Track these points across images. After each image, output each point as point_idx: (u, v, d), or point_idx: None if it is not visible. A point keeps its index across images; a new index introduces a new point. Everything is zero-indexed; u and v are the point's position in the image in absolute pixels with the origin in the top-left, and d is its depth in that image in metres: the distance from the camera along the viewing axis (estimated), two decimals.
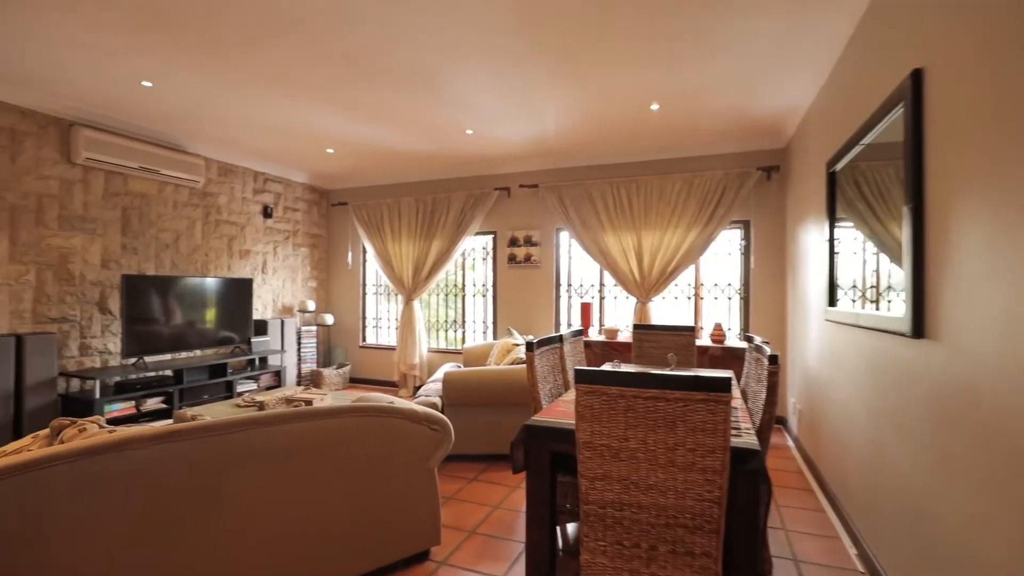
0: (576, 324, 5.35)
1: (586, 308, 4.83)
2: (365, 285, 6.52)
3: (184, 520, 1.55)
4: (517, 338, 4.29)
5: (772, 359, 1.77)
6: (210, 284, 4.81)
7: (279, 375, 5.26)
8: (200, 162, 4.80)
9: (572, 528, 2.11)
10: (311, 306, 6.10)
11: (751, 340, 2.46)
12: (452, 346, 6.07)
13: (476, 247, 5.90)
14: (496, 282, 5.63)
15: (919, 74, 1.63)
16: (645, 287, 4.77)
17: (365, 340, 6.47)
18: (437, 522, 2.09)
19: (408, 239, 5.87)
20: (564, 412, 1.84)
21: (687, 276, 4.87)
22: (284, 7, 2.50)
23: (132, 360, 4.15)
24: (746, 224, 4.72)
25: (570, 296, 5.39)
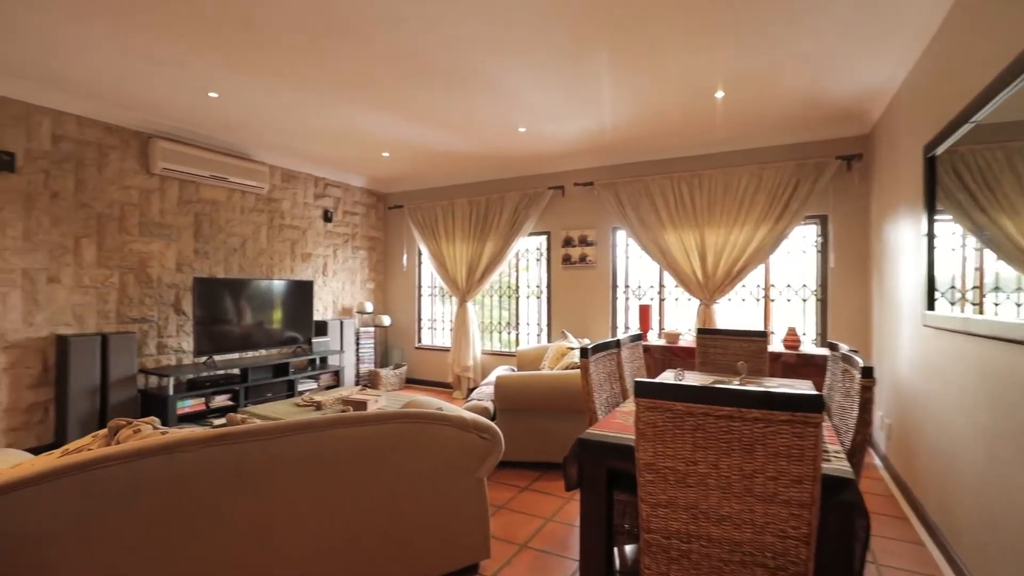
0: (634, 327, 5.13)
1: (645, 310, 4.61)
2: (420, 287, 6.58)
3: (231, 524, 1.52)
4: (572, 341, 4.14)
5: (866, 371, 1.54)
6: (274, 286, 4.99)
7: (338, 375, 5.38)
8: (264, 169, 5.00)
9: (631, 550, 1.95)
10: (369, 307, 6.22)
11: (835, 348, 2.20)
12: (506, 348, 6.01)
13: (530, 248, 5.79)
14: (550, 283, 5.51)
15: None
16: (709, 288, 4.48)
17: (421, 341, 6.53)
18: (486, 534, 2.00)
19: (462, 240, 5.86)
20: (622, 425, 1.70)
21: (755, 276, 4.53)
22: (337, 11, 2.50)
23: (203, 359, 4.37)
24: (823, 219, 4.32)
25: (627, 298, 5.17)
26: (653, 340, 4.43)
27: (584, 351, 2.02)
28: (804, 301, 4.42)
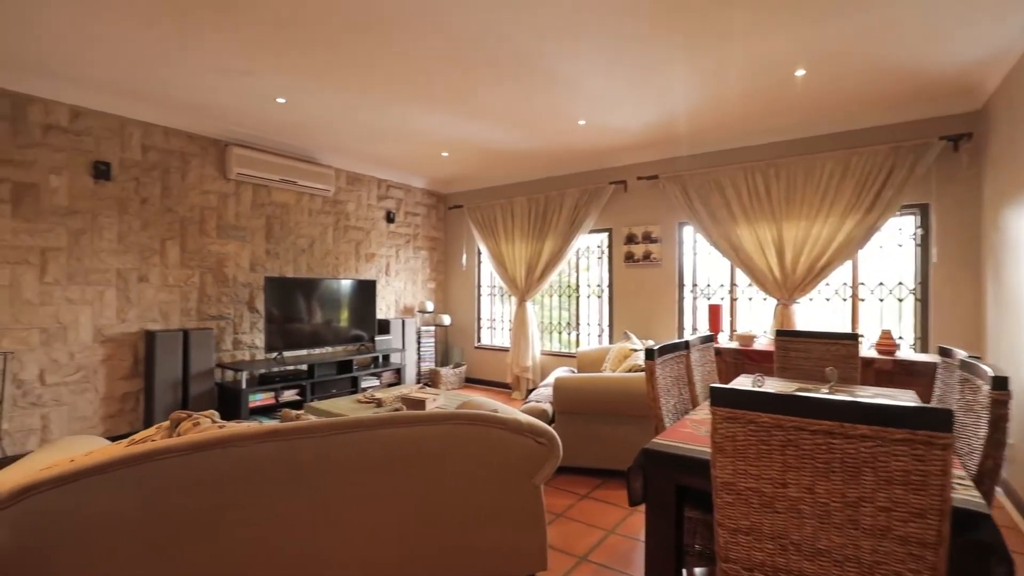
0: (703, 329, 4.82)
1: (715, 311, 4.31)
2: (480, 286, 6.57)
3: (284, 521, 1.49)
4: (635, 343, 3.94)
5: (998, 382, 1.28)
6: (339, 285, 5.14)
7: (399, 373, 5.47)
8: (331, 172, 5.17)
9: (701, 573, 1.77)
10: (430, 307, 6.29)
11: (948, 354, 1.89)
12: (566, 349, 5.86)
13: (590, 246, 5.62)
14: (612, 282, 5.30)
15: None
16: (787, 287, 4.11)
17: (480, 341, 6.52)
18: (543, 545, 1.88)
19: (521, 239, 5.78)
20: (692, 435, 1.53)
21: (841, 274, 4.11)
22: (393, 6, 2.49)
23: (273, 354, 4.57)
24: (923, 208, 3.84)
25: (695, 297, 4.88)
26: (724, 343, 4.13)
27: (650, 352, 1.86)
28: (900, 301, 3.96)
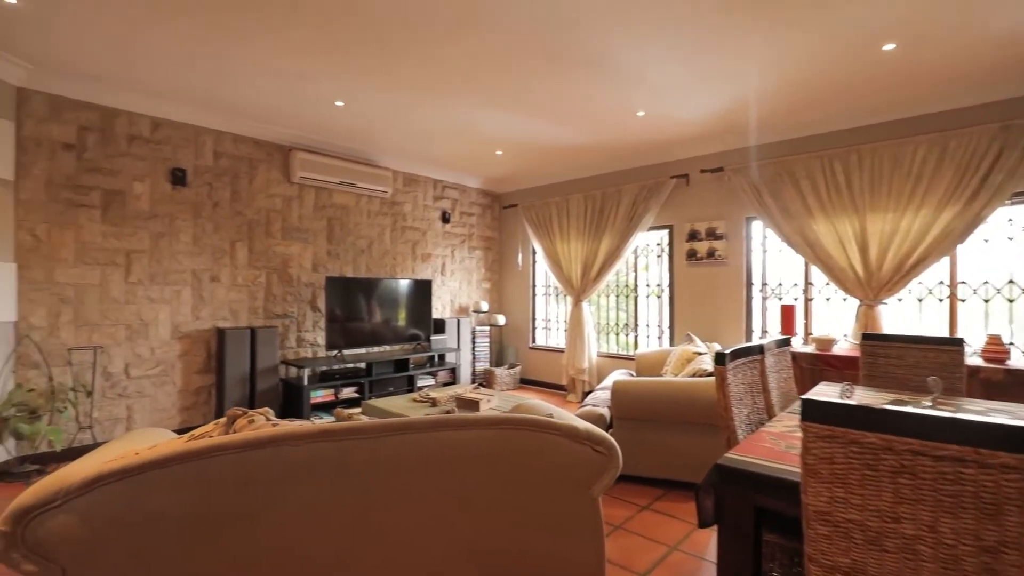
0: (773, 332, 4.49)
1: (788, 312, 3.99)
2: (535, 286, 6.49)
3: (336, 522, 1.46)
4: (699, 345, 3.72)
5: None
6: (397, 285, 5.22)
7: (454, 372, 5.48)
8: (388, 174, 5.26)
9: None
10: (484, 306, 6.27)
11: None
12: (623, 351, 5.66)
13: (649, 243, 5.39)
14: (673, 282, 5.06)
15: None
16: (872, 286, 3.74)
17: (535, 341, 6.44)
18: (601, 560, 1.76)
19: (576, 238, 5.64)
20: (772, 450, 1.36)
21: (937, 271, 3.68)
22: (450, 3, 2.46)
23: (334, 352, 4.70)
24: None
25: (765, 297, 4.55)
26: (798, 346, 3.82)
27: (720, 357, 1.69)
28: (1010, 302, 3.49)
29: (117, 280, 3.70)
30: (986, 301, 3.57)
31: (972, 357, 3.23)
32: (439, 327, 5.63)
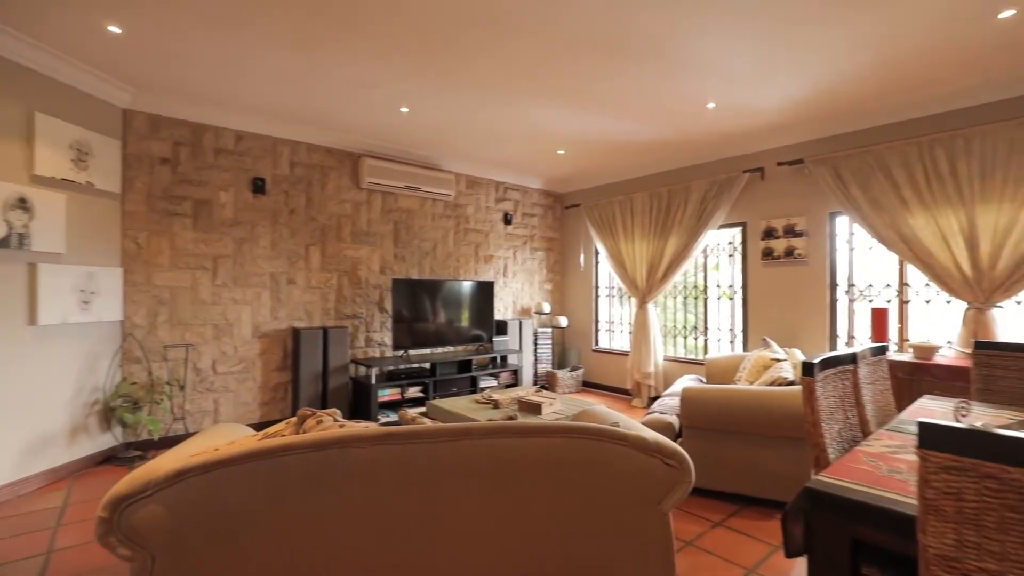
0: (861, 337, 4.11)
1: (880, 315, 3.63)
2: (598, 287, 6.35)
3: (398, 525, 1.47)
4: (776, 351, 3.46)
5: None
6: (460, 286, 5.28)
7: (516, 374, 5.46)
8: (451, 177, 5.34)
9: None
10: (546, 308, 6.22)
11: None
12: (692, 355, 5.41)
13: (720, 242, 5.11)
14: (746, 282, 4.76)
15: None
16: (983, 287, 3.32)
17: (598, 344, 6.30)
18: None
19: (641, 237, 5.45)
20: (872, 474, 1.21)
21: None
22: (514, 5, 2.43)
23: (400, 352, 4.82)
24: None
25: (852, 299, 4.17)
26: (893, 354, 3.46)
27: (808, 367, 1.54)
28: None
29: (205, 283, 3.99)
30: None
31: None
32: (501, 328, 5.64)
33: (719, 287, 5.13)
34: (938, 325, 3.77)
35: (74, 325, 3.30)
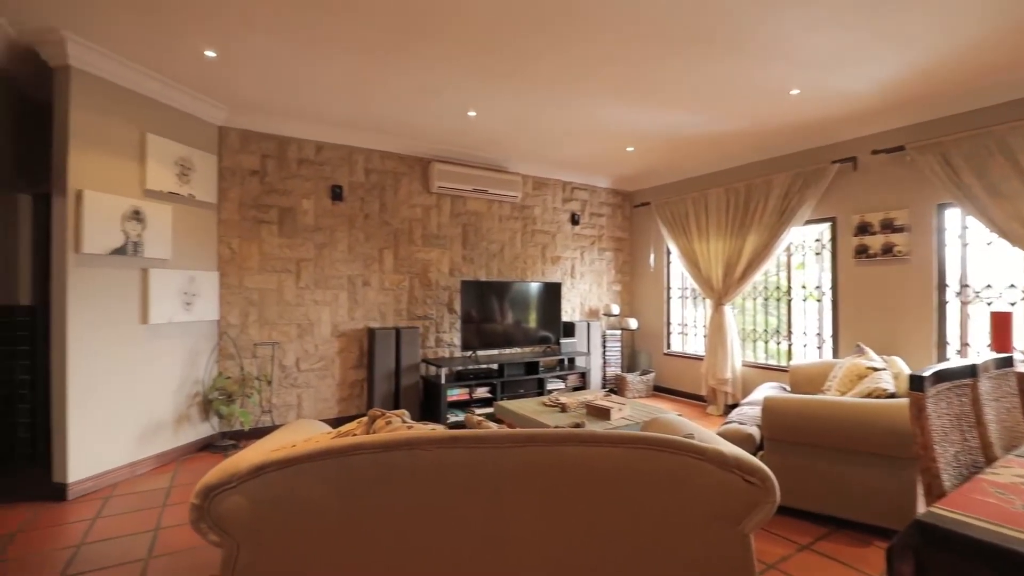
0: (977, 345, 3.64)
1: (1001, 320, 3.19)
2: (669, 288, 6.11)
3: (462, 529, 1.47)
4: (873, 359, 3.13)
5: None
6: (527, 288, 5.28)
7: (584, 377, 5.37)
8: (518, 179, 5.34)
9: None
10: (615, 310, 6.07)
11: None
12: (774, 361, 5.05)
13: (806, 240, 4.74)
14: (836, 283, 4.37)
15: None
16: None
17: (669, 347, 6.06)
18: None
19: (717, 236, 5.18)
20: (1001, 509, 1.04)
21: None
22: (583, 2, 2.39)
23: (468, 353, 4.89)
24: None
25: (965, 302, 3.71)
26: (1022, 366, 3.02)
27: (917, 380, 1.35)
28: None
29: (290, 285, 4.26)
30: None
31: None
32: (569, 330, 5.57)
33: (804, 288, 4.76)
34: None
35: (178, 324, 3.64)
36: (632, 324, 6.05)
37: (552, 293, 5.40)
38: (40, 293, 3.48)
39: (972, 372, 1.60)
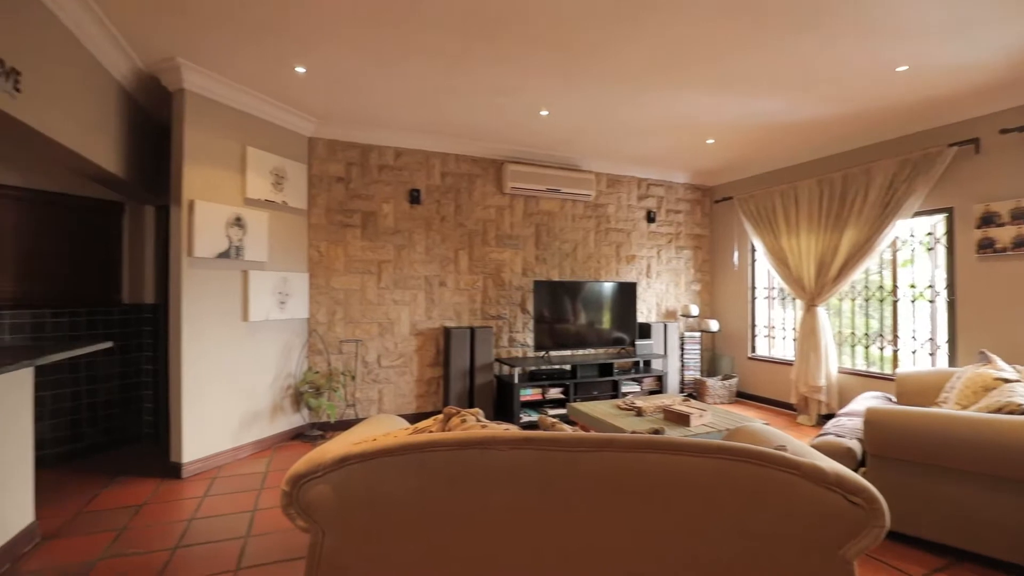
0: None
1: None
2: (754, 288, 5.73)
3: (536, 530, 1.46)
4: (1004, 369, 2.74)
5: None
6: (601, 288, 5.18)
7: (661, 380, 5.18)
8: (591, 177, 5.26)
9: None
10: (694, 311, 5.80)
11: None
12: (876, 368, 4.58)
13: (915, 233, 4.25)
14: (953, 281, 3.88)
15: None
16: None
17: (754, 351, 5.69)
18: None
19: (808, 231, 4.79)
20: None
21: None
22: None
23: (541, 353, 4.88)
24: None
25: None
26: None
27: None
28: None
29: (372, 286, 4.48)
30: None
31: None
32: (644, 332, 5.40)
33: (913, 287, 4.27)
34: None
35: (274, 321, 3.94)
36: (713, 326, 5.74)
37: (627, 293, 5.26)
38: (161, 293, 3.92)
39: None
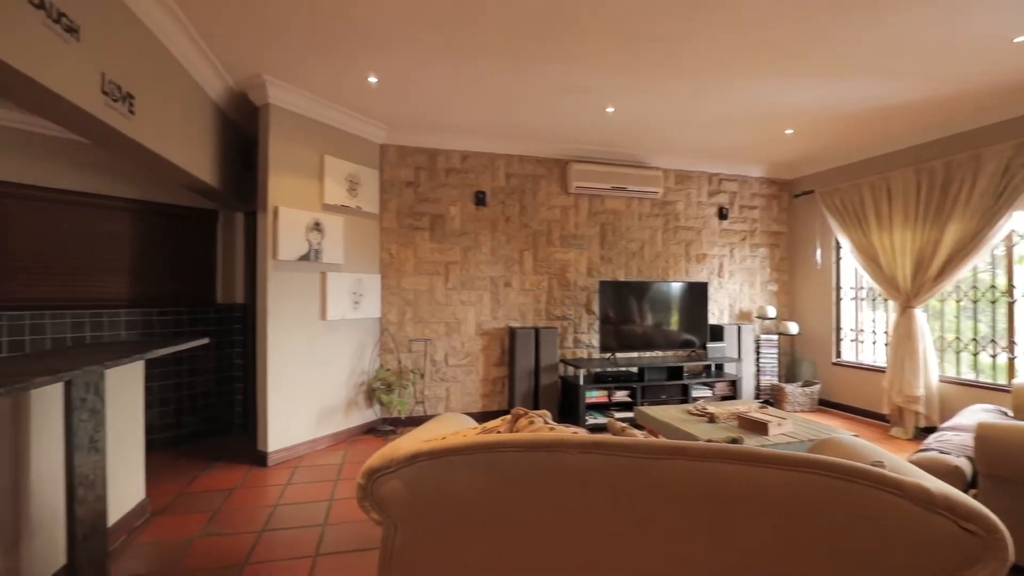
0: None
1: None
2: (839, 288, 5.32)
3: (608, 537, 1.43)
4: None
5: None
6: (669, 288, 5.02)
7: (734, 385, 4.93)
8: (658, 174, 5.10)
9: None
10: (771, 312, 5.47)
11: None
12: (986, 378, 4.10)
13: None
14: None
15: None
16: None
17: (839, 356, 5.27)
18: None
19: (903, 226, 4.37)
20: None
21: None
22: None
23: (607, 355, 4.80)
24: None
25: None
26: None
27: None
28: None
29: (439, 286, 4.60)
30: None
31: None
32: (716, 334, 5.16)
33: None
34: None
35: (349, 321, 4.14)
36: (792, 328, 5.38)
37: (697, 294, 5.05)
38: (250, 293, 4.24)
39: None
